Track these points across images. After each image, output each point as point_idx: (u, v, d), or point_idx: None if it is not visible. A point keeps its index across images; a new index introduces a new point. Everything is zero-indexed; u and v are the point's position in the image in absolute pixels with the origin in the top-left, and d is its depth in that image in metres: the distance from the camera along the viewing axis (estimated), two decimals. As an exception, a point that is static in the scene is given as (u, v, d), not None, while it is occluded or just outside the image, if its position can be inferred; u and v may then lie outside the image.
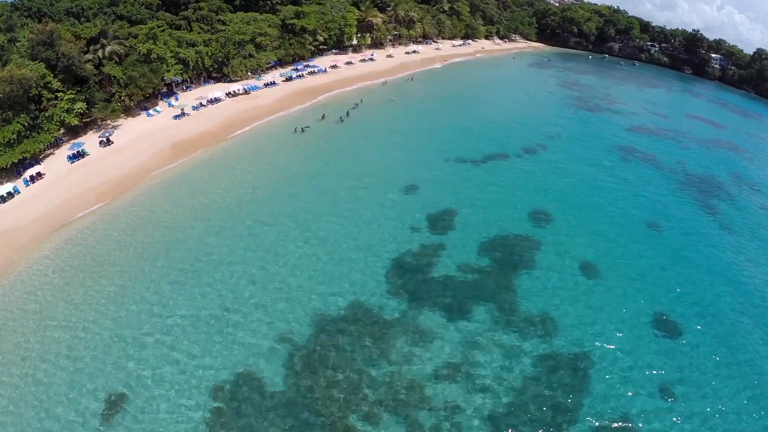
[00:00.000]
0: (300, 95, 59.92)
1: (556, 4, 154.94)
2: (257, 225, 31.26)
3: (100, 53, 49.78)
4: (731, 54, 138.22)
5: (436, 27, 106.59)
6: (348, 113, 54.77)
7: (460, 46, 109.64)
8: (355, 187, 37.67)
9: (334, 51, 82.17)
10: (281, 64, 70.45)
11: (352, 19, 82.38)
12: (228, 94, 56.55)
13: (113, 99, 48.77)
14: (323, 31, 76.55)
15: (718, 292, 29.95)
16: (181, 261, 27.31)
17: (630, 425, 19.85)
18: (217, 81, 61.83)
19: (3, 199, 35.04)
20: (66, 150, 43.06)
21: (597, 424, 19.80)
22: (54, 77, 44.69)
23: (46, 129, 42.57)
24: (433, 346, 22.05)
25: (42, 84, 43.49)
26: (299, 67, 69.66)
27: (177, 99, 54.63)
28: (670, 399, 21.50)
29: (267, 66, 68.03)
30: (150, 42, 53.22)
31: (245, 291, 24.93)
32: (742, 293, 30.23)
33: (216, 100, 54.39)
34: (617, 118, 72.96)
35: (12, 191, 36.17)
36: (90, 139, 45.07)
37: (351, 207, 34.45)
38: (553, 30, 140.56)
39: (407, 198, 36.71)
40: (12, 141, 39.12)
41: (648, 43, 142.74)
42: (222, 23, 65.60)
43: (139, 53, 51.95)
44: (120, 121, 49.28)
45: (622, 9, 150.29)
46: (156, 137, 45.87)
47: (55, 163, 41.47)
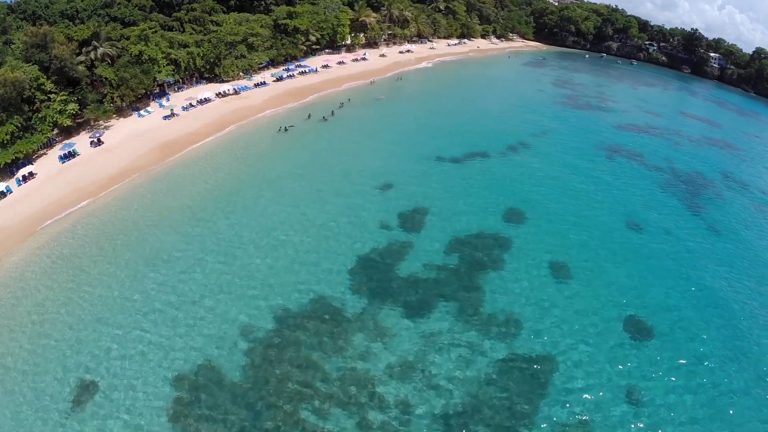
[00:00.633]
0: (289, 95, 61.00)
1: (555, 3, 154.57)
2: (231, 221, 32.51)
3: (92, 55, 51.12)
4: (730, 53, 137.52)
5: (431, 26, 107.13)
6: (333, 112, 55.73)
7: (455, 45, 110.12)
8: (329, 186, 38.43)
9: (327, 51, 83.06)
10: (273, 64, 71.49)
11: (345, 19, 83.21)
12: (218, 94, 57.71)
13: (105, 100, 50.07)
14: (316, 31, 77.47)
15: (694, 295, 29.26)
16: (159, 254, 28.70)
17: (588, 432, 19.17)
18: (209, 81, 62.98)
19: (-5, 198, 36.44)
20: (58, 150, 44.44)
21: (553, 429, 19.42)
22: (47, 79, 46.01)
23: (39, 130, 43.87)
24: (390, 343, 22.39)
25: (35, 86, 44.81)
26: (291, 67, 70.68)
27: (168, 99, 55.83)
28: (634, 406, 20.95)
29: (259, 66, 69.12)
30: (141, 43, 54.44)
31: (216, 283, 26.12)
32: (718, 298, 29.54)
33: (206, 100, 55.56)
34: (607, 116, 72.53)
35: (4, 191, 37.53)
36: (82, 140, 46.38)
37: (322, 205, 35.20)
38: (551, 29, 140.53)
39: (380, 196, 37.20)
40: (5, 142, 40.42)
41: (646, 42, 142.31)
42: (215, 24, 66.74)
43: (131, 55, 53.19)
44: (112, 122, 50.60)
45: (622, 9, 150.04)
46: (145, 137, 47.12)
47: (47, 163, 42.83)
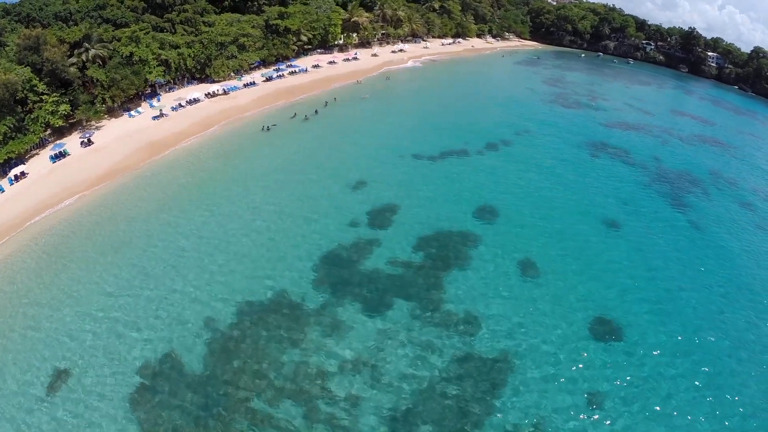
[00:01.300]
0: (277, 95, 62.17)
1: (553, 2, 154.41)
2: (207, 217, 33.88)
3: (84, 57, 52.46)
4: (728, 52, 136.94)
5: (425, 26, 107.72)
6: (316, 111, 56.73)
7: (449, 44, 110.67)
8: (301, 183, 39.19)
9: (319, 51, 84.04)
10: (265, 64, 72.64)
11: (337, 19, 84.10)
12: (207, 94, 58.97)
13: (96, 101, 51.46)
14: (308, 31, 78.46)
15: (664, 296, 28.93)
16: (137, 248, 30.24)
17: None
18: (201, 82, 64.26)
19: (-13, 197, 37.97)
20: (49, 150, 45.90)
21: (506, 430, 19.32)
22: (40, 81, 47.43)
23: (31, 130, 45.41)
24: (346, 338, 22.99)
25: (28, 87, 46.23)
26: (281, 67, 71.81)
27: (159, 100, 57.16)
28: (594, 412, 20.54)
29: (251, 66, 70.29)
30: (132, 45, 55.75)
31: (189, 276, 27.44)
32: (694, 299, 29.05)
33: (195, 100, 56.85)
34: (596, 114, 72.09)
35: (-3, 190, 39.12)
36: (73, 140, 47.83)
37: (294, 202, 36.02)
38: (548, 28, 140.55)
39: (352, 193, 37.84)
40: (-2, 142, 42.04)
41: (643, 42, 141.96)
42: (207, 25, 67.93)
43: (122, 56, 54.52)
44: (103, 122, 52.03)
45: (619, 8, 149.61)
46: (134, 137, 48.49)
47: (39, 163, 44.35)
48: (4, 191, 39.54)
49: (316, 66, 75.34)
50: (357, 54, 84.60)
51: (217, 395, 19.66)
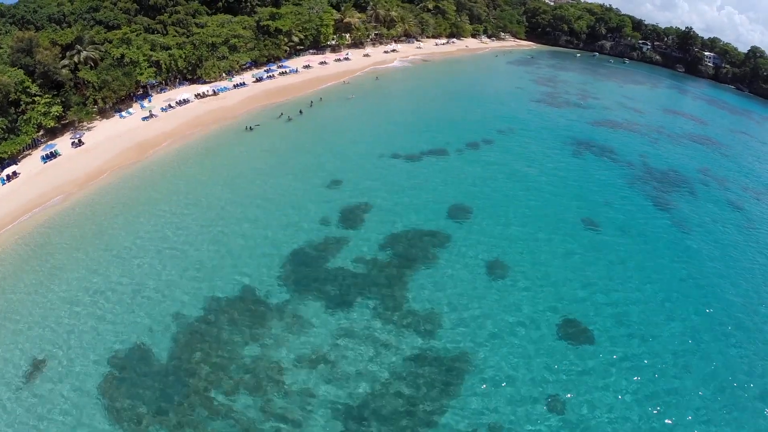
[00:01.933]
0: (266, 95, 63.28)
1: (550, 3, 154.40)
2: (184, 215, 35.18)
3: (76, 58, 53.82)
4: (725, 52, 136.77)
5: (418, 26, 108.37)
6: (301, 112, 57.71)
7: (443, 44, 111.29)
8: (277, 181, 40.10)
9: (311, 51, 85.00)
10: (256, 65, 73.76)
11: (328, 20, 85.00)
12: (197, 95, 60.16)
13: (88, 102, 52.79)
14: (299, 32, 79.45)
15: (638, 298, 28.82)
16: (119, 243, 31.71)
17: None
18: (192, 83, 65.46)
19: (-21, 197, 39.38)
20: (41, 151, 47.30)
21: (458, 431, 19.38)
22: (32, 82, 48.81)
23: (24, 131, 46.82)
24: (306, 333, 23.60)
25: (21, 89, 47.62)
26: (272, 68, 72.89)
27: (150, 101, 58.44)
28: (552, 415, 20.40)
29: (243, 67, 71.41)
30: (123, 46, 57.01)
31: (164, 270, 28.80)
32: (663, 299, 28.92)
33: (184, 101, 58.06)
34: (584, 112, 71.82)
35: (-11, 189, 40.54)
36: (65, 141, 49.19)
37: (267, 200, 36.98)
38: (544, 28, 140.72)
39: (326, 192, 38.46)
40: (-9, 143, 43.44)
41: (640, 42, 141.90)
42: (198, 26, 69.07)
43: (113, 58, 55.80)
44: (95, 123, 53.38)
45: (616, 8, 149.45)
46: (123, 138, 49.79)
47: (31, 163, 45.78)
48: (-4, 190, 40.97)
49: (306, 66, 76.36)
50: (349, 54, 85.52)
51: (179, 386, 20.90)
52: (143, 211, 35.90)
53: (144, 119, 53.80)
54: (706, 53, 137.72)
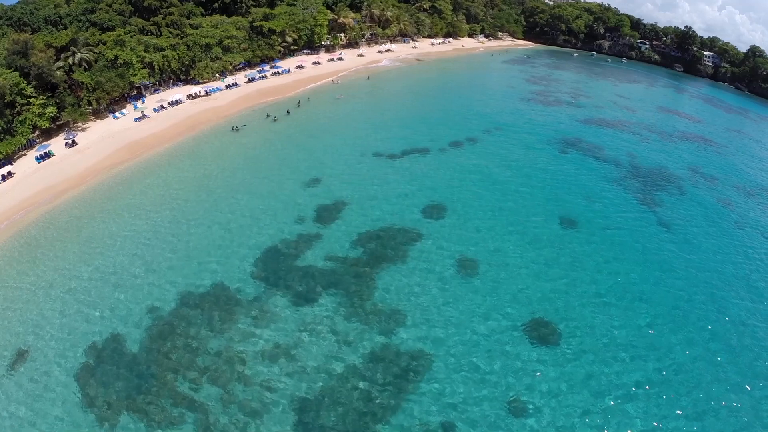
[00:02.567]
0: (258, 95, 64.51)
1: (549, 2, 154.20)
2: (167, 213, 36.42)
3: (70, 60, 55.32)
4: (725, 51, 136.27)
5: (414, 26, 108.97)
6: (288, 112, 58.78)
7: (439, 44, 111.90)
8: (257, 181, 40.94)
9: (305, 51, 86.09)
10: (250, 65, 74.98)
11: (322, 20, 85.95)
12: (189, 96, 61.48)
13: (82, 103, 54.29)
14: (293, 32, 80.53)
15: (611, 301, 28.57)
16: (105, 240, 33.25)
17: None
18: (186, 83, 66.84)
19: (-26, 196, 40.98)
20: (35, 151, 48.87)
21: (411, 428, 19.68)
22: (27, 84, 50.33)
23: (19, 132, 48.38)
24: (270, 328, 24.44)
25: (16, 91, 49.17)
26: (265, 68, 74.06)
27: (143, 102, 59.85)
28: (516, 417, 20.42)
29: (236, 67, 72.68)
30: (117, 48, 58.43)
31: (147, 264, 30.19)
32: (641, 302, 28.69)
33: (177, 102, 59.41)
34: (575, 111, 71.77)
35: (-17, 189, 42.13)
36: (59, 141, 50.73)
37: (244, 198, 37.81)
38: (542, 28, 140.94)
39: (304, 191, 39.18)
40: (-14, 144, 45.03)
41: (638, 41, 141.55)
42: (192, 27, 70.37)
43: (107, 59, 57.24)
44: (89, 124, 54.85)
45: (614, 7, 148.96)
46: (116, 138, 51.25)
47: (25, 164, 47.36)
48: (-10, 190, 42.55)
49: (299, 67, 77.46)
50: (342, 54, 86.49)
51: (148, 375, 22.19)
52: (130, 209, 37.34)
53: (136, 120, 55.20)
54: (705, 53, 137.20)
